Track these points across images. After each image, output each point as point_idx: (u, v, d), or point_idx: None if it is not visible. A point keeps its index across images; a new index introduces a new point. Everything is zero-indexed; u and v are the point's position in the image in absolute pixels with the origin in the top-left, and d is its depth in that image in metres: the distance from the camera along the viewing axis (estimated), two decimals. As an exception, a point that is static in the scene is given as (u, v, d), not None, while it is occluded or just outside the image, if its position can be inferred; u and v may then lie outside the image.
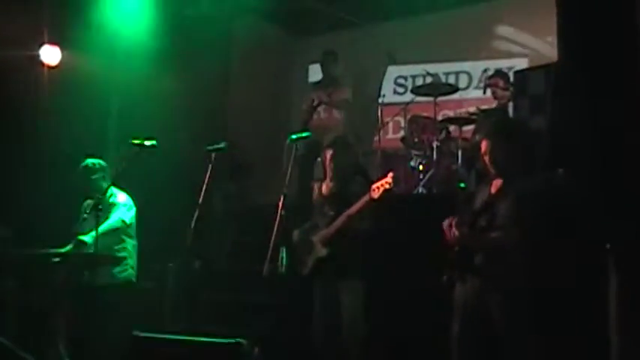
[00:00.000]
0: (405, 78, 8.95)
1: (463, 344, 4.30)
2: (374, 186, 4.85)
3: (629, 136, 4.30)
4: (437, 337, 4.56)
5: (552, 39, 5.79)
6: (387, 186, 4.79)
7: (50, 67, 7.04)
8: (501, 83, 7.31)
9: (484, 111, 7.10)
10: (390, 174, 4.82)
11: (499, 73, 7.56)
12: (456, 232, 4.27)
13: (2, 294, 5.38)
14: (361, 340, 5.03)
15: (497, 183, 4.38)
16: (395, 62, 7.68)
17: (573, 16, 4.88)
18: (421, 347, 5.20)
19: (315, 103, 7.63)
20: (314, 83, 8.21)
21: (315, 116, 7.67)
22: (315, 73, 8.54)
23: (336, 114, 7.70)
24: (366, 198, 4.88)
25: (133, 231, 5.71)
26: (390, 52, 7.60)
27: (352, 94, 7.91)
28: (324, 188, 5.37)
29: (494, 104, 7.35)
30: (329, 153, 5.30)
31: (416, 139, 7.22)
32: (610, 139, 4.40)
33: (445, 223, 4.33)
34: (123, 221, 5.56)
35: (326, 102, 7.61)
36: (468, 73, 8.68)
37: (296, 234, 5.34)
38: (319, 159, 7.30)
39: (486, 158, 4.44)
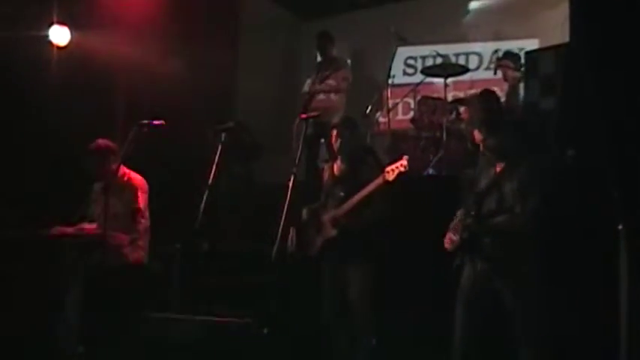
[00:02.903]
0: (415, 59, 8.91)
1: (467, 329, 4.30)
2: (388, 168, 4.79)
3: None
4: (446, 321, 4.55)
5: (564, 20, 5.72)
6: (402, 169, 4.74)
7: (59, 48, 7.01)
8: (511, 64, 7.27)
9: (471, 97, 7.06)
10: (405, 157, 4.77)
11: (509, 55, 7.51)
12: (455, 239, 4.27)
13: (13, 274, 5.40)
14: (369, 323, 5.04)
15: (501, 163, 4.37)
16: (405, 43, 7.62)
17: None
18: (429, 330, 5.20)
19: (315, 84, 7.61)
20: (315, 65, 8.18)
21: (315, 98, 7.64)
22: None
23: (335, 96, 7.66)
24: (379, 181, 4.83)
25: (146, 212, 5.72)
26: (400, 33, 7.54)
27: (358, 74, 7.89)
28: (335, 169, 5.35)
29: (505, 86, 7.31)
30: (337, 134, 5.27)
31: (426, 120, 7.20)
32: (621, 120, 4.38)
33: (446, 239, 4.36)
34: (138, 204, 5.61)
35: (325, 84, 7.58)
36: (479, 54, 8.64)
37: (305, 212, 5.34)
38: (323, 140, 7.35)
39: (482, 147, 4.43)
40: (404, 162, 4.74)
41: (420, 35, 8.19)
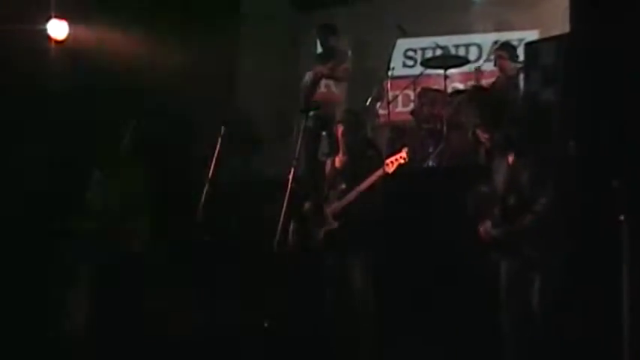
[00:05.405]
0: (415, 51, 8.87)
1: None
2: (388, 160, 4.83)
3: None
4: (446, 311, 4.56)
5: (564, 10, 5.70)
6: (402, 161, 4.78)
7: (57, 42, 6.99)
8: (506, 55, 7.24)
9: (461, 92, 7.06)
10: (405, 149, 4.80)
11: (505, 46, 7.48)
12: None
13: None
14: (371, 315, 5.04)
15: (512, 156, 4.35)
16: (405, 35, 7.59)
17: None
18: (430, 322, 5.20)
19: (317, 76, 7.57)
20: (315, 57, 8.14)
21: (316, 90, 7.60)
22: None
23: (337, 87, 7.62)
24: (379, 172, 4.86)
25: (146, 204, 5.72)
26: (400, 25, 7.51)
27: (357, 66, 7.85)
28: (336, 162, 5.35)
29: (500, 77, 7.30)
30: (341, 127, 5.27)
31: (426, 112, 7.18)
32: (622, 110, 4.37)
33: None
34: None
35: (327, 75, 7.54)
36: (478, 45, 8.58)
37: (307, 205, 5.34)
38: (324, 132, 7.34)
39: (489, 145, 4.43)
40: (403, 154, 4.78)
41: (419, 27, 8.16)
